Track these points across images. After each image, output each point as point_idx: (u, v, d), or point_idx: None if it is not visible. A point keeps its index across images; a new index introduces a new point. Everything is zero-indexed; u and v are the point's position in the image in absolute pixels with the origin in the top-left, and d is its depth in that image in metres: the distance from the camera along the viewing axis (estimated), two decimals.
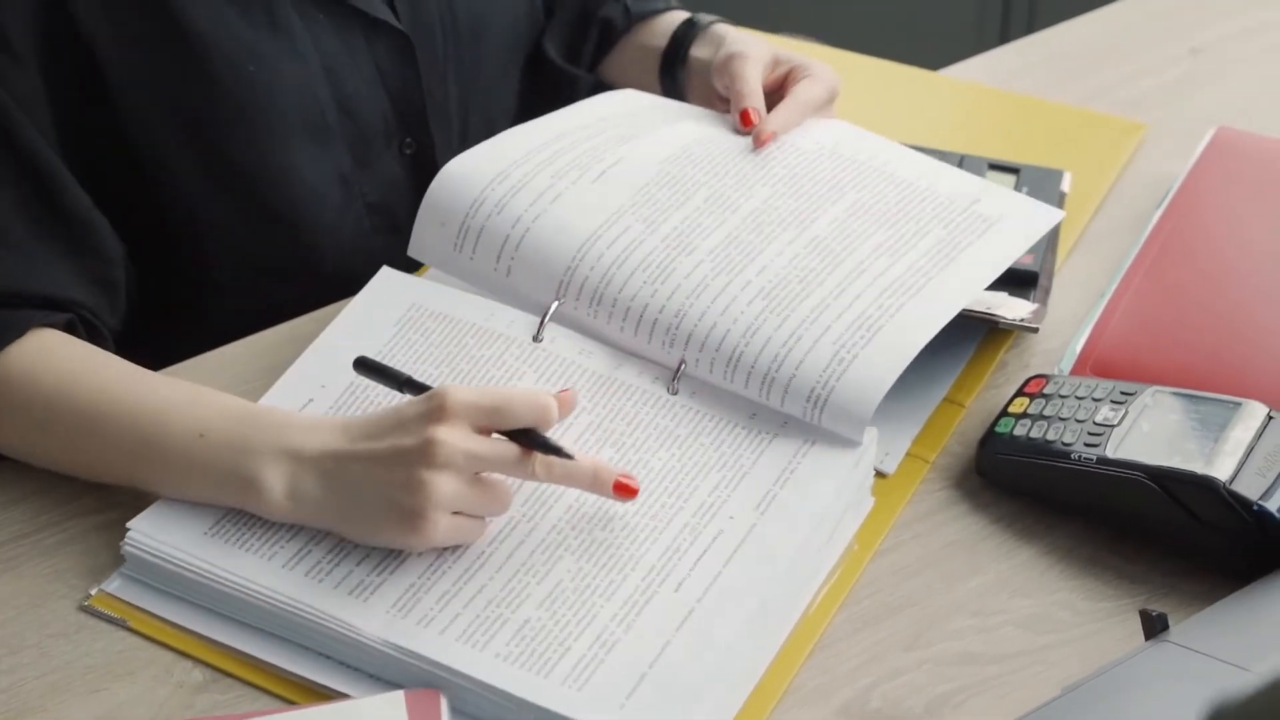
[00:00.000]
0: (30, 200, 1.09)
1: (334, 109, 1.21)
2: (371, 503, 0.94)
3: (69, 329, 1.08)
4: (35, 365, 1.04)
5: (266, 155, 1.19)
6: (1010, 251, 1.11)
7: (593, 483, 0.96)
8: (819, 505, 0.97)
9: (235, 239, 1.22)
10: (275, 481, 0.95)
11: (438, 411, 0.93)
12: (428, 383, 1.00)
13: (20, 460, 1.05)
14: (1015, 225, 1.13)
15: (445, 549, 0.95)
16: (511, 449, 0.94)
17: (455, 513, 0.93)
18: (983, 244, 1.10)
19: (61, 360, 1.04)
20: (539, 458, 0.94)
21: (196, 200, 1.19)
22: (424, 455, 0.92)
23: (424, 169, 1.22)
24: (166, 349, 1.15)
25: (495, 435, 0.94)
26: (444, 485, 0.92)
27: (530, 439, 0.94)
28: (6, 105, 1.08)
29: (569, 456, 0.95)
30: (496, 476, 0.95)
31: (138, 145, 1.16)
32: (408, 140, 1.28)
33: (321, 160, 1.22)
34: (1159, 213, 1.24)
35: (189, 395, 1.01)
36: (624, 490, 0.95)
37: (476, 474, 0.94)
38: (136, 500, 1.00)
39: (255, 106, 1.17)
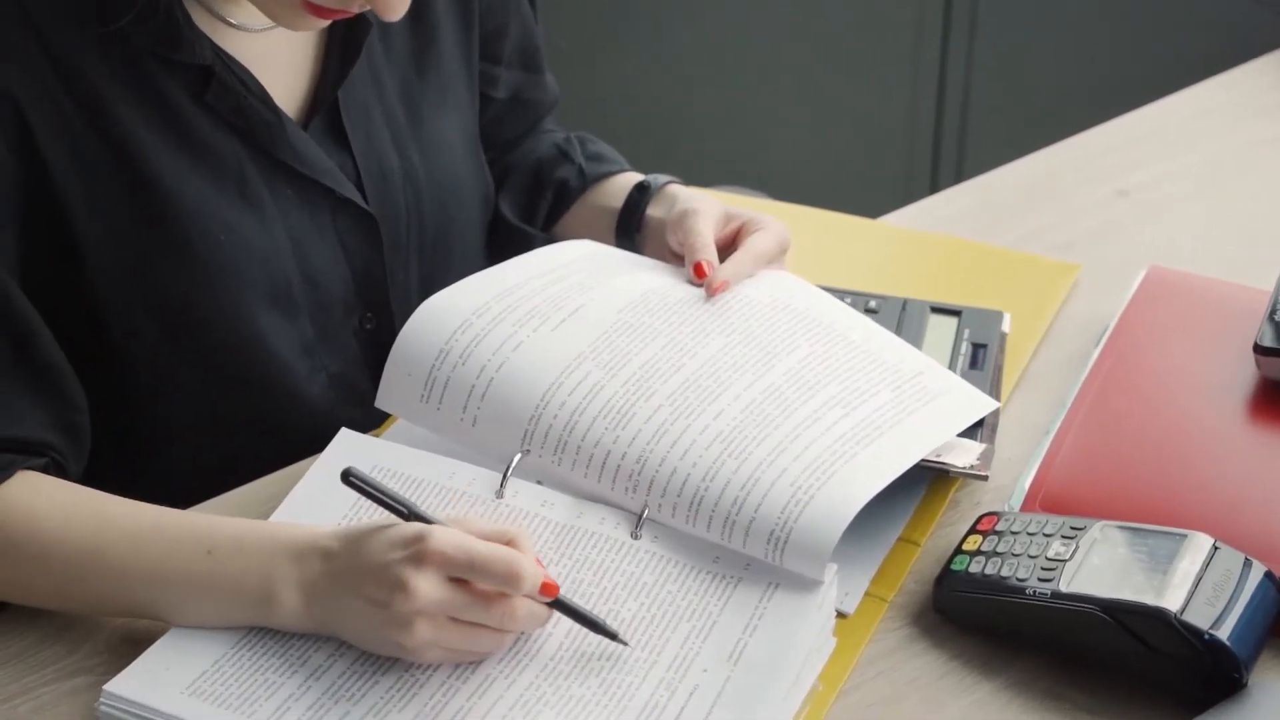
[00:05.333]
0: (6, 349, 1.11)
1: (299, 281, 1.23)
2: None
3: (44, 472, 1.11)
4: (31, 503, 1.06)
5: (234, 321, 1.20)
6: (953, 426, 1.14)
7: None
8: (788, 650, 0.98)
9: (198, 399, 1.23)
10: (289, 580, 1.00)
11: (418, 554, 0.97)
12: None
13: (12, 601, 1.07)
14: (957, 403, 1.16)
15: (428, 705, 0.96)
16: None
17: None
18: (928, 412, 1.13)
19: (54, 496, 1.07)
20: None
21: (160, 359, 1.20)
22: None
23: (381, 345, 1.22)
24: None
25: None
26: (425, 586, 0.96)
27: None
28: None
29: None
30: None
31: (102, 301, 1.17)
32: (368, 315, 1.29)
33: (288, 330, 1.23)
34: (1098, 350, 1.27)
35: (191, 518, 1.05)
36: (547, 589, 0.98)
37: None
38: (108, 664, 1.01)
39: (225, 274, 1.18)
